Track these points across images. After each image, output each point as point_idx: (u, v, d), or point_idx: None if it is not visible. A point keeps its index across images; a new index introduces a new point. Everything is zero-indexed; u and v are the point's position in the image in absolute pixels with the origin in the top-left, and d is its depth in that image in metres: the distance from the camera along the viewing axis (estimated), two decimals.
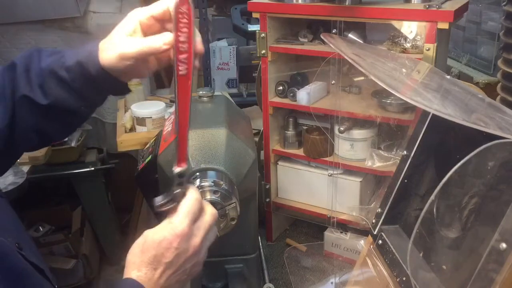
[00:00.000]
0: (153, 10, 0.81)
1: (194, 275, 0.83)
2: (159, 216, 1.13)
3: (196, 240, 0.79)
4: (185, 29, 0.76)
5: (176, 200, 0.81)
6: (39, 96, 0.86)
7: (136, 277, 0.76)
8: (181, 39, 0.76)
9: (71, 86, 0.85)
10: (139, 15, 0.82)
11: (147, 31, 0.82)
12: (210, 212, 0.82)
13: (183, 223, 0.77)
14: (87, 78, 0.85)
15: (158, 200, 0.81)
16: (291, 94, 1.46)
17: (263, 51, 1.41)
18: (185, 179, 0.81)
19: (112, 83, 0.86)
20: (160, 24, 0.82)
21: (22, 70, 0.87)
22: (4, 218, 0.81)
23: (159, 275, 0.77)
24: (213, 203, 0.95)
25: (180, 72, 0.77)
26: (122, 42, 0.82)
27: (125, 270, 0.78)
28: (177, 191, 0.80)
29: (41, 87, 0.86)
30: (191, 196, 0.79)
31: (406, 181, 1.00)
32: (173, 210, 0.80)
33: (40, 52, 0.89)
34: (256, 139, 1.57)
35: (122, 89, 0.91)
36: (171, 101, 1.98)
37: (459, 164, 0.74)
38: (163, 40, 0.79)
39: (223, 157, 1.03)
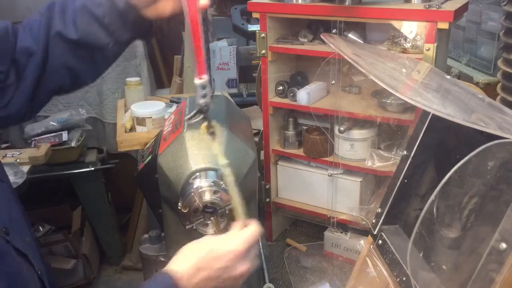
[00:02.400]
0: None
1: None
2: (159, 216, 1.13)
3: (245, 265, 0.84)
4: None
5: (202, 111, 0.87)
6: (72, 31, 0.93)
7: (175, 271, 0.80)
8: None
9: (101, 21, 0.93)
10: None
11: None
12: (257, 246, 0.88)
13: (243, 246, 0.83)
14: (115, 12, 0.92)
15: (187, 114, 0.88)
16: (291, 94, 1.46)
17: (263, 51, 1.41)
18: (208, 89, 0.86)
19: (137, 18, 0.94)
20: None
21: (59, 10, 0.95)
22: (0, 202, 0.85)
23: (197, 278, 0.81)
24: (213, 203, 0.95)
25: None
26: None
27: (170, 261, 0.83)
28: (202, 101, 0.86)
29: (74, 23, 0.93)
30: (255, 228, 0.86)
31: (406, 181, 1.00)
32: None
33: None
34: (256, 139, 1.57)
35: (146, 28, 0.99)
36: (171, 101, 1.98)
37: (459, 164, 0.74)
38: None
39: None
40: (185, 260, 0.83)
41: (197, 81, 0.86)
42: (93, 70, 1.02)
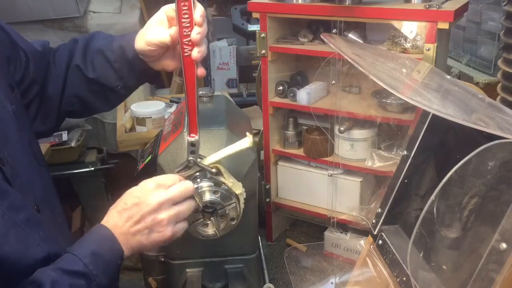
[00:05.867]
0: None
1: (156, 240, 0.89)
2: None
3: (155, 198, 0.87)
4: (186, 16, 0.87)
5: (190, 167, 0.93)
6: (90, 70, 1.04)
7: (104, 222, 0.89)
8: (184, 24, 0.88)
9: (112, 66, 1.03)
10: (166, 7, 0.96)
11: (172, 23, 0.96)
12: (182, 183, 0.91)
13: (150, 182, 0.89)
14: (125, 60, 1.02)
15: (176, 167, 0.94)
16: (291, 94, 1.46)
17: (263, 51, 1.41)
18: (197, 147, 0.92)
19: (144, 68, 1.02)
20: None
21: (81, 45, 1.06)
22: (36, 183, 0.92)
23: (122, 222, 0.87)
24: (213, 203, 0.95)
25: (186, 54, 0.90)
26: (150, 30, 0.97)
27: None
28: (190, 159, 0.92)
29: (92, 63, 1.04)
30: (172, 175, 0.92)
31: (406, 181, 1.00)
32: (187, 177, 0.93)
33: (99, 34, 1.08)
34: (256, 139, 1.57)
35: (154, 77, 1.10)
36: (171, 101, 1.98)
37: (459, 164, 0.74)
38: (169, 32, 0.94)
39: (223, 157, 1.03)
40: (110, 214, 0.90)
41: (188, 138, 0.93)
42: (105, 104, 1.12)
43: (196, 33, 0.89)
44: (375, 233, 1.03)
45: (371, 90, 1.39)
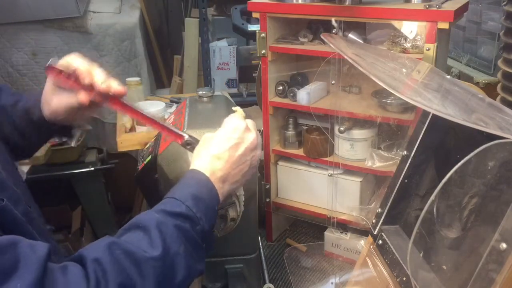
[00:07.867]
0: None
1: (254, 169, 0.92)
2: None
3: (253, 133, 0.92)
4: (73, 79, 0.87)
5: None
6: None
7: (197, 166, 0.85)
8: (84, 84, 0.87)
9: (17, 126, 0.98)
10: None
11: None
12: (249, 121, 0.95)
13: (237, 120, 0.91)
14: (31, 123, 0.97)
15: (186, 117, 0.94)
16: (291, 94, 1.46)
17: (263, 51, 1.41)
18: (194, 143, 0.92)
19: (52, 128, 0.98)
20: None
21: None
22: (17, 179, 0.93)
23: (222, 164, 0.85)
24: None
25: (101, 102, 0.89)
26: (52, 100, 0.93)
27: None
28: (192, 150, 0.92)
29: None
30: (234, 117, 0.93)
31: (406, 181, 1.00)
32: None
33: (4, 90, 1.01)
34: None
35: (68, 133, 1.03)
36: (171, 101, 1.98)
37: (459, 164, 0.74)
38: (78, 99, 0.89)
39: None
40: (202, 161, 0.86)
41: (179, 143, 0.93)
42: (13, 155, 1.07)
43: (100, 83, 0.87)
44: (375, 233, 1.03)
45: (371, 90, 1.39)
